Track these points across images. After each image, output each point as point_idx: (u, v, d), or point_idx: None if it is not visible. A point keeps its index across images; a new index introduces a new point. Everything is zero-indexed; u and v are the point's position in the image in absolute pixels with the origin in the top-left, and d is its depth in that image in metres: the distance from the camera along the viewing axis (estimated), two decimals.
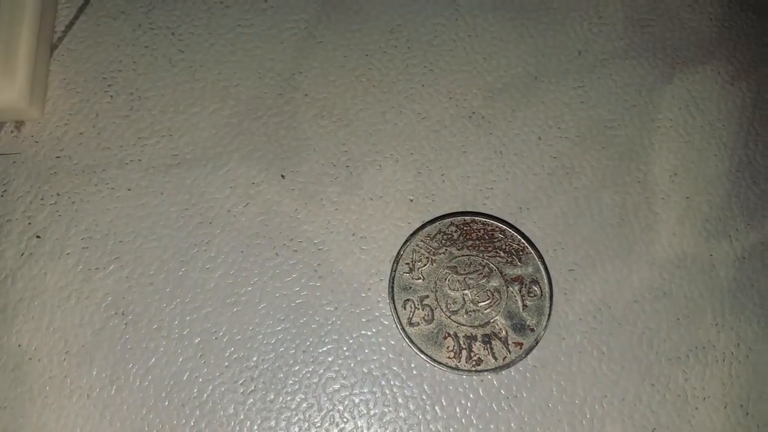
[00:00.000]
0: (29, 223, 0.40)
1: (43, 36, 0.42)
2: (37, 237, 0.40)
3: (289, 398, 0.38)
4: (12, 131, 0.41)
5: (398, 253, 0.40)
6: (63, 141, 0.41)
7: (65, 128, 0.42)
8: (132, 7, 0.44)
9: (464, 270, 0.40)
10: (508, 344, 0.38)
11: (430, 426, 0.38)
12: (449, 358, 0.38)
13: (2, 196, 0.41)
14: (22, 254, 0.40)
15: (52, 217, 0.40)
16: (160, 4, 0.44)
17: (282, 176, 0.41)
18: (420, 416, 0.38)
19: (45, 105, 0.42)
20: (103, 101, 0.42)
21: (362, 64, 0.43)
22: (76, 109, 0.42)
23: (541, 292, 0.39)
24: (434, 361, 0.38)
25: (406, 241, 0.40)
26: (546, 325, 0.39)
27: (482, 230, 0.40)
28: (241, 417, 0.38)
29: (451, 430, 0.38)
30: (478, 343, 0.38)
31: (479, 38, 0.44)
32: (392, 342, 0.39)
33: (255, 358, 0.39)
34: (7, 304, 0.39)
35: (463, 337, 0.39)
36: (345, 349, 0.39)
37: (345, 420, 0.38)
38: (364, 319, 0.39)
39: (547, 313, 0.39)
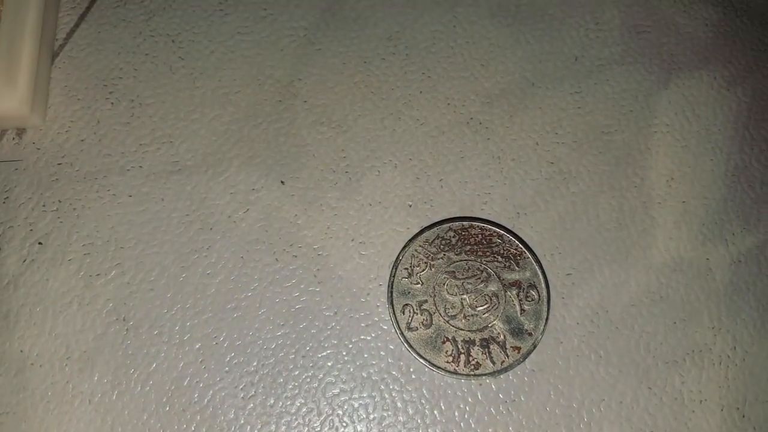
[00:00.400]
0: (31, 230, 0.40)
1: (45, 43, 0.42)
2: (39, 243, 0.40)
3: (288, 403, 0.38)
4: (14, 138, 0.42)
5: (397, 258, 0.40)
6: (64, 148, 0.42)
7: (66, 135, 0.42)
8: (132, 14, 0.44)
9: (462, 275, 0.40)
10: (506, 348, 0.39)
11: (429, 430, 0.38)
12: (448, 362, 0.38)
13: (4, 203, 0.41)
14: (24, 261, 0.40)
15: (54, 224, 0.41)
16: (160, 11, 0.45)
17: (282, 182, 0.42)
18: (419, 420, 0.38)
19: (46, 112, 0.42)
20: (104, 108, 0.43)
21: (361, 71, 0.43)
22: (78, 116, 0.42)
23: (539, 296, 0.40)
24: (433, 365, 0.38)
25: (404, 246, 0.40)
26: (544, 330, 0.39)
27: (480, 235, 0.41)
28: (242, 422, 0.38)
29: None
30: (476, 348, 0.39)
31: (477, 45, 0.44)
32: (391, 346, 0.39)
33: (255, 363, 0.39)
34: (10, 310, 0.39)
35: (462, 341, 0.39)
36: (344, 353, 0.39)
37: (344, 424, 0.38)
38: (363, 324, 0.40)
39: (545, 317, 0.39)
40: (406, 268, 0.40)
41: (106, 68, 0.43)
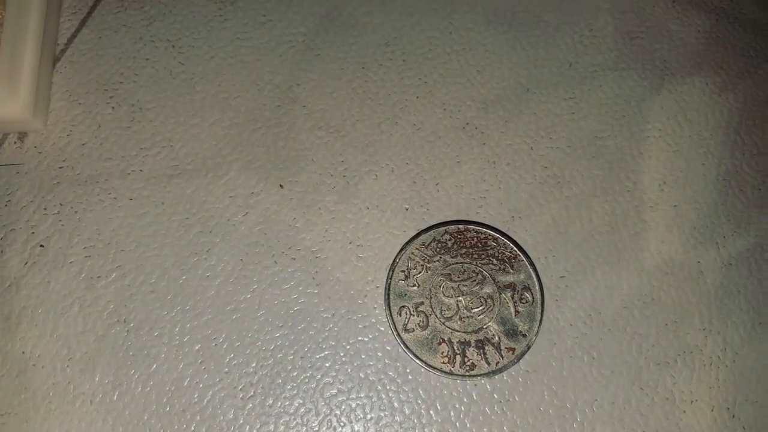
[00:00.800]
0: (33, 233, 0.41)
1: (46, 48, 0.43)
2: (41, 246, 0.41)
3: (287, 403, 0.39)
4: (15, 142, 0.42)
5: (394, 260, 0.41)
6: (65, 152, 0.42)
7: (68, 139, 0.42)
8: (133, 20, 0.45)
9: (458, 277, 0.40)
10: (500, 349, 0.39)
11: (425, 430, 0.39)
12: (443, 363, 0.39)
13: (6, 206, 0.41)
14: (26, 263, 0.40)
15: (56, 227, 0.41)
16: (160, 17, 0.45)
17: (280, 186, 0.42)
18: (415, 420, 0.39)
19: (48, 116, 0.43)
20: (105, 112, 0.43)
21: (358, 77, 0.44)
22: (79, 120, 0.43)
23: (533, 298, 0.40)
24: (429, 366, 0.39)
25: (401, 249, 0.41)
26: (538, 331, 0.40)
27: (476, 238, 0.41)
28: (241, 422, 0.38)
29: None
30: (471, 349, 0.39)
31: (473, 51, 0.45)
32: (388, 348, 0.40)
33: (254, 364, 0.39)
34: (12, 311, 0.40)
35: (457, 342, 0.39)
36: (342, 354, 0.40)
37: (342, 424, 0.39)
38: (360, 326, 0.40)
39: (539, 319, 0.40)
40: (403, 271, 0.41)
41: (106, 73, 0.44)
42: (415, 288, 0.40)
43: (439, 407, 0.39)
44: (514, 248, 0.41)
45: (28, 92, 0.40)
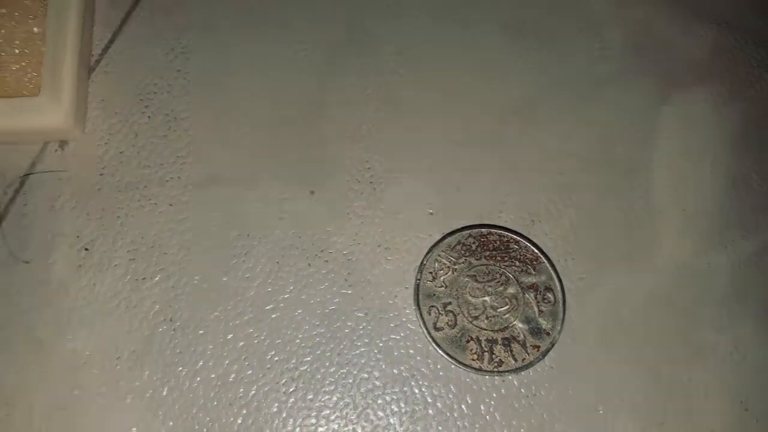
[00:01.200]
0: (77, 237, 0.42)
1: (82, 59, 0.44)
2: (86, 249, 0.42)
3: (327, 397, 0.41)
4: (56, 150, 0.44)
5: (421, 263, 0.43)
6: (104, 159, 0.44)
7: (106, 147, 0.44)
8: (164, 31, 0.47)
9: (483, 278, 0.42)
10: (526, 347, 0.41)
11: (458, 422, 0.40)
12: (473, 360, 0.41)
13: (50, 211, 0.43)
14: (72, 266, 0.42)
15: (99, 231, 0.43)
16: (190, 29, 0.47)
17: (311, 192, 0.44)
18: (448, 413, 0.41)
19: (86, 125, 0.45)
20: (141, 122, 0.45)
21: (380, 87, 0.46)
22: (116, 129, 0.45)
23: (555, 298, 0.42)
24: (459, 362, 0.41)
25: (428, 252, 0.43)
26: (560, 329, 0.42)
27: (498, 241, 0.43)
28: (284, 415, 0.40)
29: (477, 426, 0.40)
30: (498, 346, 0.41)
31: (488, 63, 0.47)
32: (419, 345, 0.42)
33: (294, 361, 0.41)
34: (60, 312, 0.41)
35: (485, 340, 0.41)
36: (376, 351, 0.42)
37: (379, 417, 0.40)
38: (392, 324, 0.42)
39: (561, 317, 0.42)
40: (431, 272, 0.42)
41: (140, 83, 0.46)
42: (443, 289, 0.42)
43: (469, 401, 0.41)
44: (535, 251, 0.43)
45: (69, 101, 0.42)
